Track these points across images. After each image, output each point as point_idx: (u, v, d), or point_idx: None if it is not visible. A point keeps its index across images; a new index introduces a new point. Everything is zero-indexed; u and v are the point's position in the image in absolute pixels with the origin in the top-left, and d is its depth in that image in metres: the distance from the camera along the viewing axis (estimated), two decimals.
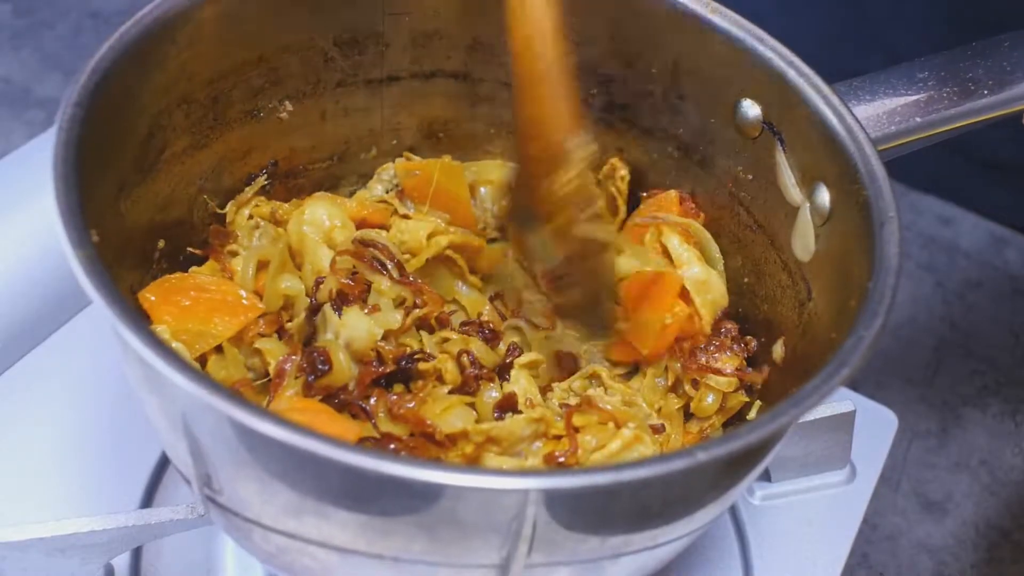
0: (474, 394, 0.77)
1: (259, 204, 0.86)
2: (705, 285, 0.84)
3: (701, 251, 0.86)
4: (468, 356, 0.78)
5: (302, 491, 0.58)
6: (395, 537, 0.59)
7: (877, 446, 1.00)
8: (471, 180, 0.92)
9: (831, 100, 0.75)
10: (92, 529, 0.74)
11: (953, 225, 1.36)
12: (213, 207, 0.85)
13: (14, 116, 1.32)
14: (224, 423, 0.56)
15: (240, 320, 0.76)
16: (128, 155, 0.73)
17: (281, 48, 0.83)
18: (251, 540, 0.67)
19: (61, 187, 0.61)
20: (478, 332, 0.81)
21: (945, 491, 1.09)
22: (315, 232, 0.83)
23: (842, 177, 0.73)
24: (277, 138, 0.88)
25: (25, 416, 0.93)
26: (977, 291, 1.29)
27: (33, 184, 0.93)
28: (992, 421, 1.16)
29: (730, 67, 0.81)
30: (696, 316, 0.83)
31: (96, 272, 0.58)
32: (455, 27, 0.88)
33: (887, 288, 0.65)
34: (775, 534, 0.93)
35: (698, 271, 0.84)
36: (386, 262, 0.80)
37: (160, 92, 0.75)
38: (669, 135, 0.88)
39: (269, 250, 0.82)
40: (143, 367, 0.60)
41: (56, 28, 1.45)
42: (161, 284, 0.76)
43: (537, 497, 0.55)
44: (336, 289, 0.78)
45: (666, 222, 0.86)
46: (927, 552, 1.05)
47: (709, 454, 0.55)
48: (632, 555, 0.65)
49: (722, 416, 0.83)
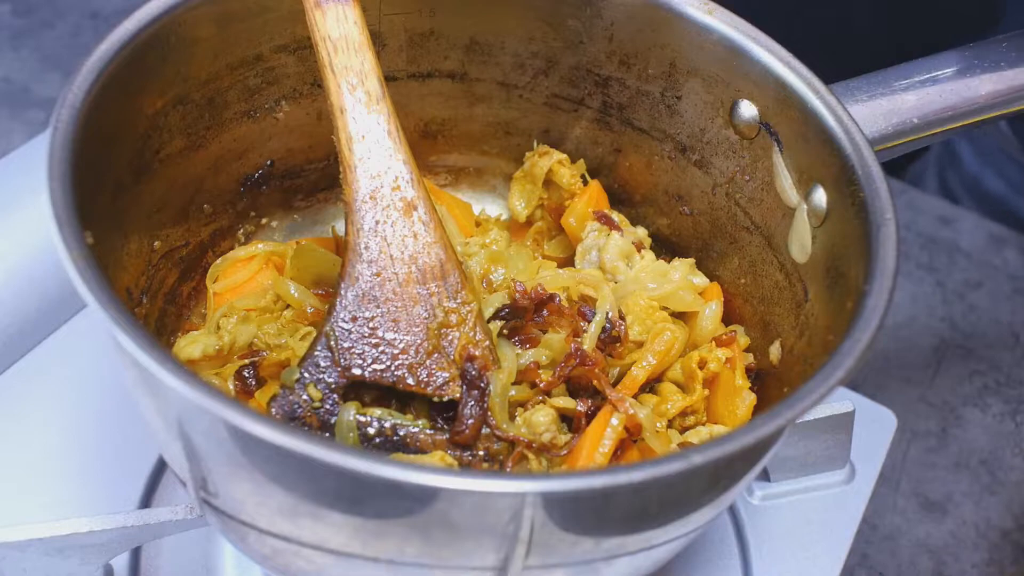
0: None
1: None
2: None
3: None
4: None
5: (297, 494, 0.58)
6: (390, 540, 0.59)
7: (876, 446, 1.00)
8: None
9: (828, 100, 0.75)
10: (91, 529, 0.74)
11: (953, 225, 1.35)
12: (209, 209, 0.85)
13: (14, 116, 1.32)
14: (219, 426, 0.56)
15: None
16: (124, 156, 0.73)
17: (277, 48, 0.83)
18: (246, 542, 0.67)
19: (56, 188, 0.61)
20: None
21: (945, 491, 1.09)
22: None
23: (839, 178, 0.73)
24: (273, 139, 0.88)
25: (25, 416, 0.93)
26: (977, 291, 1.29)
27: (32, 184, 0.93)
28: (992, 421, 1.16)
29: (727, 68, 0.81)
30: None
31: (90, 273, 0.58)
32: (452, 27, 0.87)
33: (884, 290, 0.65)
34: (774, 534, 0.93)
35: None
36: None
37: (156, 93, 0.75)
38: (666, 136, 0.88)
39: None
40: (138, 369, 0.60)
41: (56, 28, 1.45)
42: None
43: (534, 500, 0.55)
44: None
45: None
46: (927, 552, 1.05)
47: (704, 456, 0.55)
48: (629, 556, 0.65)
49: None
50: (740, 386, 0.81)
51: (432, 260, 0.76)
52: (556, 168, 0.92)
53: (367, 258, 0.75)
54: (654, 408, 0.81)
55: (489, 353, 0.76)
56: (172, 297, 0.84)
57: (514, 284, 0.80)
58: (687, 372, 0.82)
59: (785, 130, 0.78)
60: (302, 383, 0.73)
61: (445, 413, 0.76)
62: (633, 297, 0.84)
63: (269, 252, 0.87)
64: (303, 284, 0.85)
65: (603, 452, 0.75)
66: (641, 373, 0.81)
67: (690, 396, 0.81)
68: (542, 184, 0.93)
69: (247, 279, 0.86)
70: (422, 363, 0.74)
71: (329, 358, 0.73)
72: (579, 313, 0.82)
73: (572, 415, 0.78)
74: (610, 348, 0.81)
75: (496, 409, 0.75)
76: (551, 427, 0.76)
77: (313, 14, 0.74)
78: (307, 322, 0.83)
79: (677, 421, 0.82)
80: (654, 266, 0.87)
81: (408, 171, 0.76)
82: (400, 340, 0.74)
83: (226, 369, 0.81)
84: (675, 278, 0.86)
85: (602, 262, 0.87)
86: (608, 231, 0.88)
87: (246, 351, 0.82)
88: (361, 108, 0.74)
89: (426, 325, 0.75)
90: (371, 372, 0.73)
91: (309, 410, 0.72)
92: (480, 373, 0.75)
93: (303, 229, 0.95)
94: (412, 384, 0.74)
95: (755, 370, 0.83)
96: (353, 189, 0.74)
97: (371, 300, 0.74)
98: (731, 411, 0.80)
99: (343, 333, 0.73)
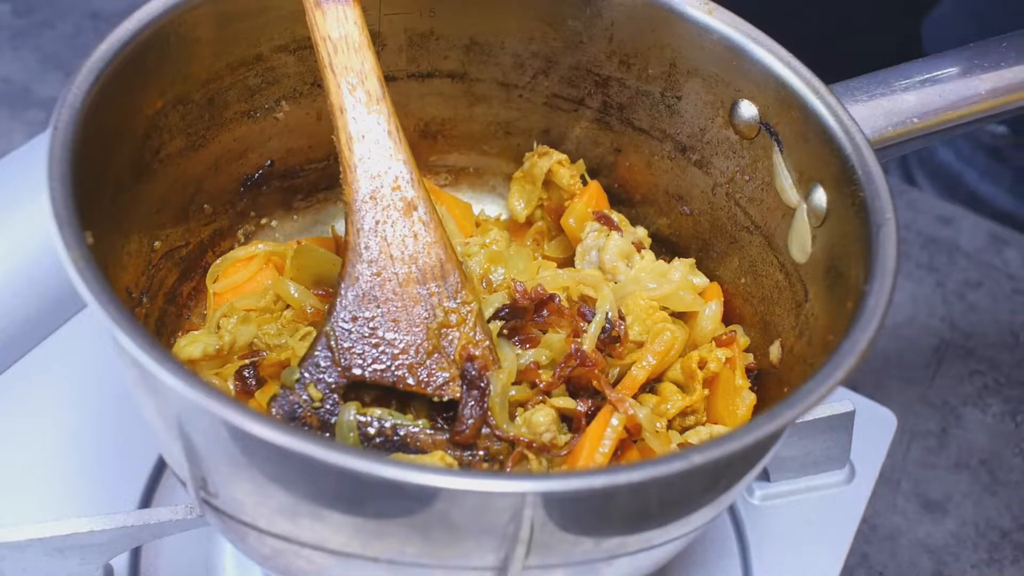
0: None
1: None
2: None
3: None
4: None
5: (297, 494, 0.58)
6: (390, 540, 0.59)
7: (876, 446, 1.00)
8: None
9: (828, 100, 0.75)
10: (91, 529, 0.74)
11: (953, 225, 1.35)
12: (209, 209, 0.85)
13: (14, 116, 1.32)
14: (219, 426, 0.56)
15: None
16: (124, 156, 0.73)
17: (277, 48, 0.83)
18: (246, 543, 0.67)
19: (56, 188, 0.61)
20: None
21: (945, 491, 1.09)
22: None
23: (839, 178, 0.73)
24: (273, 139, 0.88)
25: (25, 416, 0.93)
26: (977, 291, 1.29)
27: (33, 184, 0.92)
28: (992, 421, 1.16)
29: (727, 68, 0.81)
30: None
31: (90, 273, 0.58)
32: (452, 27, 0.87)
33: (884, 290, 0.65)
34: (774, 534, 0.93)
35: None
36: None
37: (156, 93, 0.75)
38: (666, 135, 0.88)
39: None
40: (138, 369, 0.60)
41: (56, 28, 1.45)
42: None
43: (534, 500, 0.55)
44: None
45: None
46: (927, 552, 1.05)
47: (704, 456, 0.55)
48: (629, 556, 0.65)
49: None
50: (740, 386, 0.81)
51: (432, 260, 0.76)
52: (555, 168, 0.92)
53: (367, 258, 0.75)
54: (654, 408, 0.81)
55: (489, 353, 0.76)
56: (172, 297, 0.84)
57: (514, 284, 0.80)
58: (687, 372, 0.82)
59: (785, 130, 0.78)
60: (302, 383, 0.73)
61: (445, 413, 0.76)
62: (633, 297, 0.84)
63: (269, 252, 0.87)
64: (303, 284, 0.85)
65: (603, 452, 0.75)
66: (641, 373, 0.81)
67: (690, 396, 0.81)
68: (542, 185, 0.93)
69: (247, 279, 0.86)
70: (422, 363, 0.74)
71: (329, 358, 0.73)
72: (579, 313, 0.82)
73: (572, 415, 0.78)
74: (610, 348, 0.81)
75: (496, 409, 0.75)
76: (551, 427, 0.76)
77: (313, 14, 0.74)
78: (307, 322, 0.83)
79: (677, 421, 0.82)
80: (654, 266, 0.87)
81: (408, 171, 0.76)
82: (400, 340, 0.74)
83: (226, 369, 0.81)
84: (675, 278, 0.86)
85: (602, 262, 0.87)
86: (608, 231, 0.88)
87: (246, 351, 0.82)
88: (361, 108, 0.74)
89: (426, 325, 0.75)
90: (371, 372, 0.73)
91: (309, 410, 0.72)
92: (480, 373, 0.75)
93: (303, 229, 0.95)
94: (412, 384, 0.74)
95: (755, 370, 0.83)
96: (353, 189, 0.74)
97: (371, 300, 0.74)
98: (731, 411, 0.80)
99: (343, 333, 0.73)
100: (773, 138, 0.79)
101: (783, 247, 0.80)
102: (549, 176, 0.92)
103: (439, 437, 0.74)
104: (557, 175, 0.92)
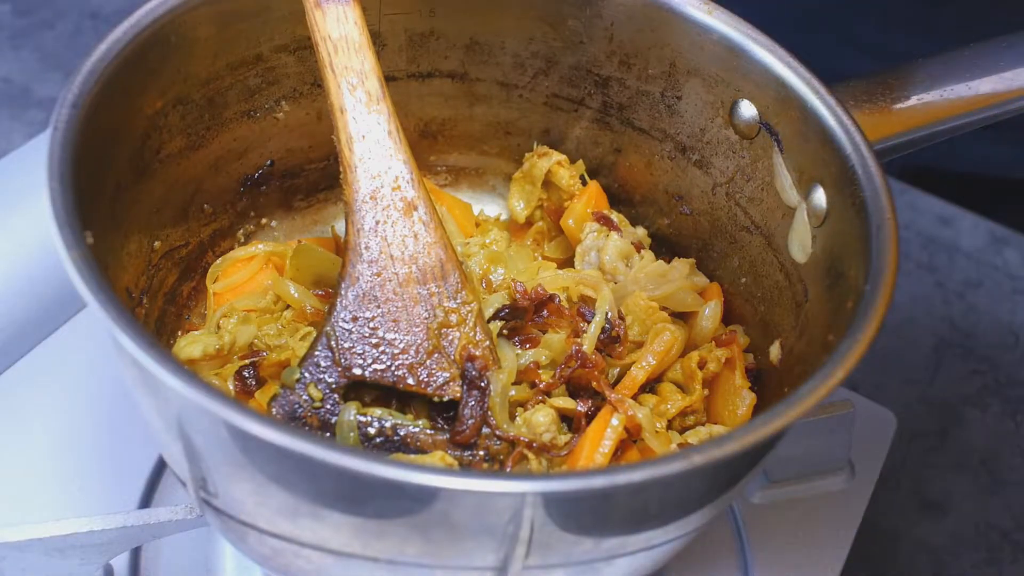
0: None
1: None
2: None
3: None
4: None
5: (297, 494, 0.58)
6: (390, 540, 0.59)
7: (876, 446, 1.00)
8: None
9: (828, 101, 0.75)
10: (91, 529, 0.74)
11: (953, 225, 1.35)
12: (209, 209, 0.85)
13: (14, 116, 1.32)
14: (219, 426, 0.56)
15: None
16: (124, 156, 0.73)
17: (277, 48, 0.83)
18: (246, 543, 0.67)
19: (56, 188, 0.61)
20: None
21: (945, 491, 1.09)
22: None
23: (839, 178, 0.73)
24: (274, 138, 0.88)
25: (24, 416, 0.93)
26: (977, 291, 1.29)
27: (32, 184, 0.92)
28: (992, 421, 1.16)
29: (727, 68, 0.81)
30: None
31: (90, 273, 0.58)
32: (452, 27, 0.88)
33: (884, 290, 0.65)
34: (774, 534, 0.93)
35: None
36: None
37: (156, 93, 0.75)
38: (666, 136, 0.88)
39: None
40: (138, 369, 0.60)
41: (56, 28, 1.45)
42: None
43: (534, 500, 0.55)
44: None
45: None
46: (927, 552, 1.05)
47: (704, 456, 0.55)
48: (629, 556, 0.65)
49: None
50: (740, 386, 0.81)
51: (432, 260, 0.76)
52: (555, 169, 0.92)
53: (367, 258, 0.75)
54: (654, 408, 0.81)
55: (489, 353, 0.76)
56: (172, 297, 0.84)
57: (514, 284, 0.80)
58: (687, 372, 0.82)
59: (785, 130, 0.79)
60: (302, 383, 0.73)
61: (445, 413, 0.76)
62: (633, 297, 0.84)
63: (269, 252, 0.87)
64: (303, 284, 0.85)
65: (603, 452, 0.75)
66: (641, 373, 0.81)
67: (690, 396, 0.81)
68: (541, 185, 0.93)
69: (247, 279, 0.86)
70: (422, 363, 0.74)
71: (329, 358, 0.73)
72: (579, 314, 0.82)
73: (572, 415, 0.78)
74: (610, 348, 0.81)
75: (496, 409, 0.75)
76: (551, 427, 0.76)
77: (313, 14, 0.74)
78: (307, 322, 0.83)
79: (677, 421, 0.82)
80: (654, 266, 0.87)
81: (408, 171, 0.76)
82: (400, 340, 0.74)
83: (226, 369, 0.81)
84: (675, 278, 0.86)
85: (601, 263, 0.87)
86: (607, 232, 0.88)
87: (246, 351, 0.82)
88: (361, 108, 0.74)
89: (426, 325, 0.75)
90: (371, 372, 0.73)
91: (309, 410, 0.72)
92: (480, 373, 0.75)
93: (303, 229, 0.95)
94: (412, 384, 0.74)
95: (755, 370, 0.83)
96: (353, 189, 0.74)
97: (371, 300, 0.74)
98: (731, 411, 0.80)
99: (343, 333, 0.73)
100: (773, 138, 0.79)
101: (783, 247, 0.80)
102: (549, 176, 0.92)
103: (439, 437, 0.74)
104: (557, 176, 0.92)
